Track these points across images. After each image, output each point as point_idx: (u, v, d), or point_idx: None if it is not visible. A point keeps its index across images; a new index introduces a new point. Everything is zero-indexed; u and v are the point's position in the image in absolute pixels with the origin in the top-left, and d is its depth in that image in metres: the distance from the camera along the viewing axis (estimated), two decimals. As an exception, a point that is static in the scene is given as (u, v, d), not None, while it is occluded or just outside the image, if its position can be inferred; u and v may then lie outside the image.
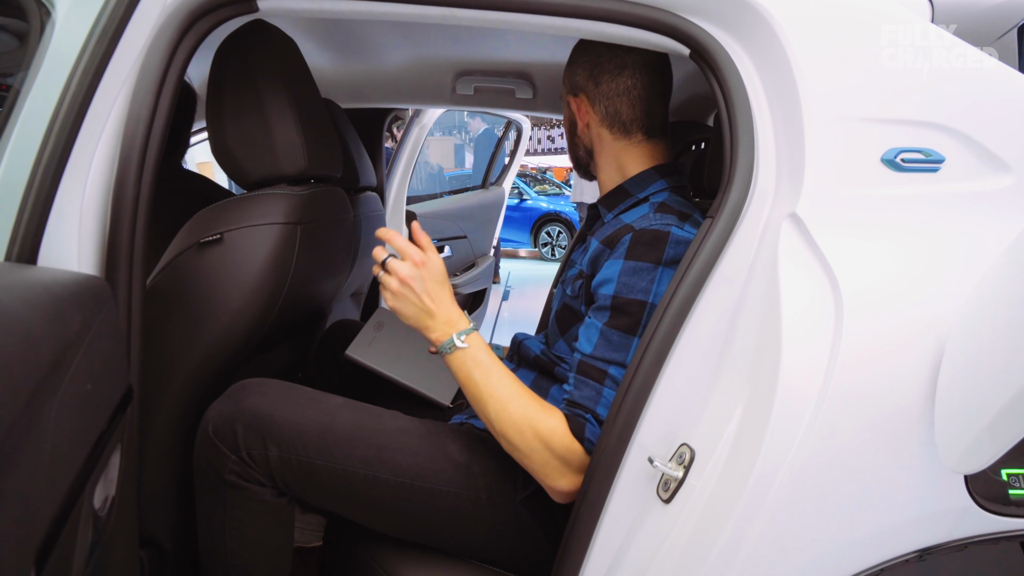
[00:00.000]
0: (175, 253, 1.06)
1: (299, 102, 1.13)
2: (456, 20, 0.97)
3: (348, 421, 1.06)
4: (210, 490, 1.04)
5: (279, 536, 1.09)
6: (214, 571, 1.08)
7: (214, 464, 1.02)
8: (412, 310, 1.03)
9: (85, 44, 0.78)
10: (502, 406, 0.98)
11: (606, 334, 1.00)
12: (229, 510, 1.04)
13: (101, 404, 0.64)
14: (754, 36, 0.88)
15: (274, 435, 1.01)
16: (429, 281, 1.03)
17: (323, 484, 1.03)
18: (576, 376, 1.02)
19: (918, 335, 0.77)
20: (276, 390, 1.07)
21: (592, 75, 1.15)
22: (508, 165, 3.67)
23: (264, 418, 1.02)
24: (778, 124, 0.87)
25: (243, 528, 1.05)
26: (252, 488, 1.03)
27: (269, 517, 1.06)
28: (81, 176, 0.79)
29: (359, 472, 1.03)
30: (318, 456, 1.02)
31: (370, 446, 1.04)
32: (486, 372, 1.01)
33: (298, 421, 1.03)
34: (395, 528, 1.09)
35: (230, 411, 1.03)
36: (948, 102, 0.84)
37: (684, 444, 0.86)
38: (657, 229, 1.01)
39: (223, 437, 1.01)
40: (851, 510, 0.77)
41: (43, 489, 0.47)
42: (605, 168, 1.20)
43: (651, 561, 0.84)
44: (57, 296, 0.57)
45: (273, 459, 1.01)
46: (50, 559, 0.47)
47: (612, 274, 1.02)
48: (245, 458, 1.01)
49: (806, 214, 0.82)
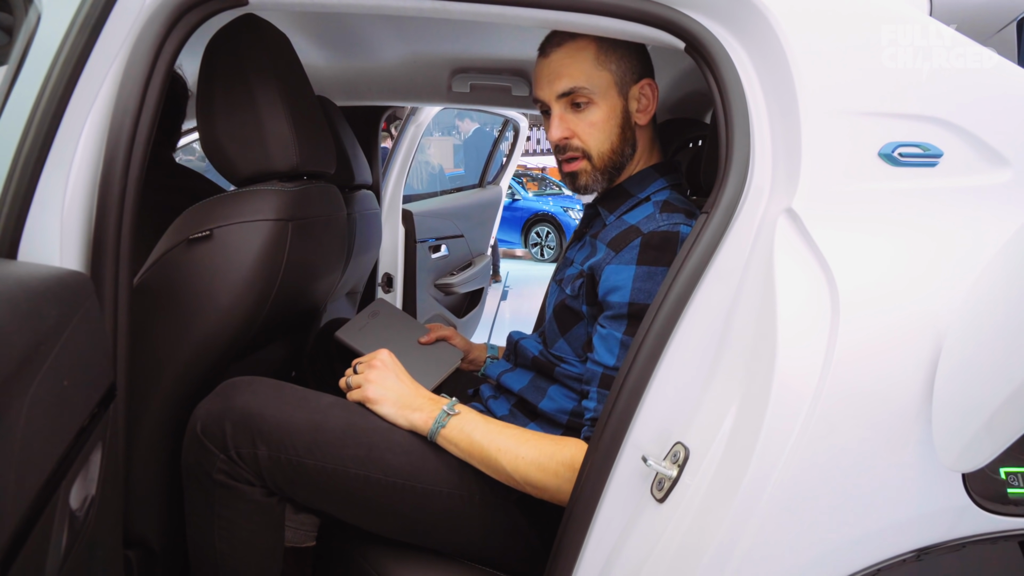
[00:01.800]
0: (164, 249, 1.05)
1: (291, 97, 1.12)
2: (449, 14, 0.96)
3: (339, 420, 1.05)
4: (199, 490, 1.03)
5: (269, 536, 1.07)
6: (203, 573, 1.06)
7: (202, 463, 1.00)
8: (397, 387, 1.08)
9: (67, 34, 0.76)
10: (514, 454, 0.99)
11: (627, 344, 0.99)
12: (218, 510, 1.02)
13: (80, 401, 0.63)
14: (750, 29, 0.87)
15: (263, 434, 0.99)
16: (398, 370, 1.12)
17: (313, 484, 1.02)
18: (599, 391, 1.01)
19: (916, 332, 0.76)
20: (265, 388, 1.05)
21: (644, 57, 1.13)
22: (505, 164, 3.65)
23: (253, 417, 1.00)
24: (774, 118, 0.86)
25: (232, 529, 1.03)
26: (241, 488, 1.01)
27: (259, 517, 1.04)
28: (63, 168, 0.78)
29: (350, 471, 1.01)
30: (308, 455, 1.00)
31: (361, 445, 1.02)
32: (485, 431, 1.02)
33: (288, 420, 1.01)
34: (387, 528, 1.07)
35: (219, 409, 1.01)
36: (947, 96, 0.83)
37: (678, 443, 0.85)
38: (666, 231, 1.01)
39: (211, 436, 1.00)
40: (848, 509, 0.76)
41: (11, 487, 0.46)
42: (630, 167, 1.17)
43: (645, 561, 0.83)
44: (32, 290, 0.56)
45: (262, 458, 1.00)
46: (17, 559, 0.45)
47: (624, 280, 1.00)
48: (234, 457, 0.99)
49: (802, 209, 0.81)
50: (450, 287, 2.96)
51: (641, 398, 0.88)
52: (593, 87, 1.08)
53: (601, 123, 1.10)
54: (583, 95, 1.09)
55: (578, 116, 1.10)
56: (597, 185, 1.15)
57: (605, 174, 1.14)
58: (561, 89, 1.09)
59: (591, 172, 1.13)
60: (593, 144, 1.11)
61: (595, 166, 1.13)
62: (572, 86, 1.08)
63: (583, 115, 1.10)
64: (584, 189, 1.15)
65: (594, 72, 1.08)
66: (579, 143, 1.11)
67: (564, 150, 1.12)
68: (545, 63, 1.12)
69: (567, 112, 1.11)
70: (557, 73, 1.09)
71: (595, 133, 1.11)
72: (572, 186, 1.16)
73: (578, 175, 1.14)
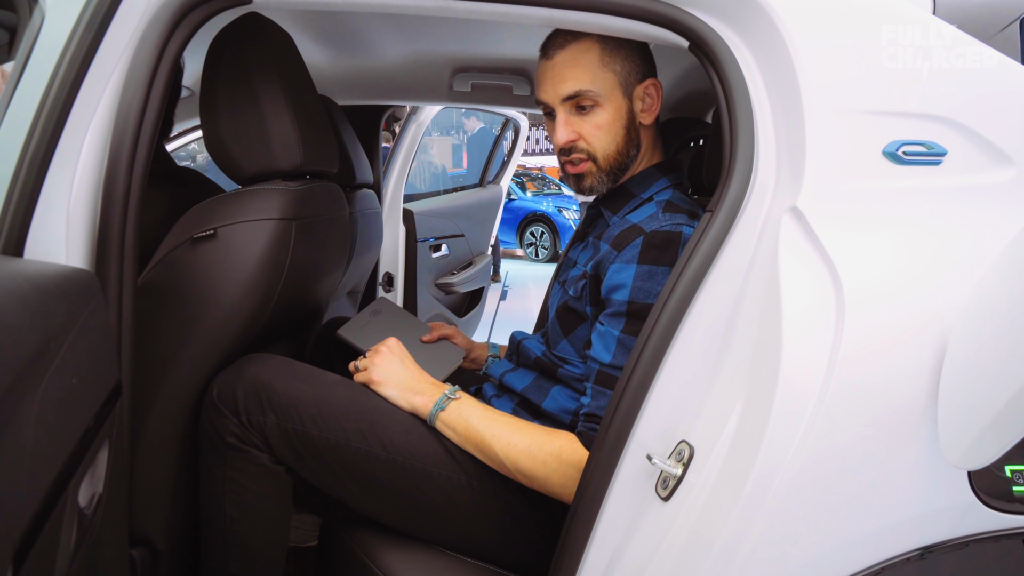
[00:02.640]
0: (168, 248, 1.05)
1: (294, 96, 1.12)
2: (452, 12, 0.96)
3: (344, 395, 1.09)
4: (213, 453, 1.07)
5: (277, 504, 1.11)
6: (213, 539, 1.10)
7: (216, 427, 1.05)
8: (401, 371, 1.13)
9: (72, 33, 0.76)
10: (506, 441, 1.02)
11: (624, 342, 0.99)
12: (229, 472, 1.06)
13: (87, 399, 0.63)
14: (754, 28, 0.87)
15: (272, 402, 1.04)
16: (405, 358, 1.16)
17: (316, 454, 1.05)
18: (594, 387, 1.01)
19: (921, 330, 0.76)
20: (277, 363, 1.11)
21: (647, 56, 1.13)
22: (506, 163, 3.65)
23: (264, 386, 1.05)
24: (778, 117, 0.86)
25: (242, 492, 1.07)
26: (251, 451, 1.06)
27: (267, 481, 1.08)
28: (69, 167, 0.78)
29: (351, 444, 1.05)
30: (312, 426, 1.04)
31: (363, 420, 1.06)
32: (482, 417, 1.05)
33: (296, 391, 1.06)
34: (386, 509, 1.09)
35: (233, 378, 1.07)
36: (950, 95, 0.83)
37: (683, 441, 0.85)
38: (668, 230, 1.00)
39: (225, 401, 1.05)
40: (853, 508, 0.76)
41: (23, 485, 0.46)
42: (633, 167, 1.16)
43: (650, 560, 0.83)
44: (41, 288, 0.56)
45: (270, 426, 1.04)
46: (29, 557, 0.45)
47: (625, 279, 1.00)
48: (245, 422, 1.04)
49: (807, 208, 0.81)
50: (450, 286, 2.96)
51: (645, 397, 0.88)
52: (598, 89, 1.07)
53: (607, 125, 1.09)
54: (588, 97, 1.07)
55: (583, 118, 1.09)
56: (603, 186, 1.14)
57: (611, 175, 1.13)
58: (566, 92, 1.08)
59: (597, 174, 1.12)
60: (599, 146, 1.10)
61: (601, 168, 1.12)
62: (577, 89, 1.07)
63: (588, 117, 1.09)
64: (589, 190, 1.14)
65: (599, 74, 1.07)
66: (585, 145, 1.11)
67: (569, 152, 1.12)
68: (549, 65, 1.10)
69: (572, 115, 1.10)
70: (561, 76, 1.08)
71: (601, 135, 1.10)
72: (577, 188, 1.15)
73: (584, 177, 1.13)
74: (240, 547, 1.09)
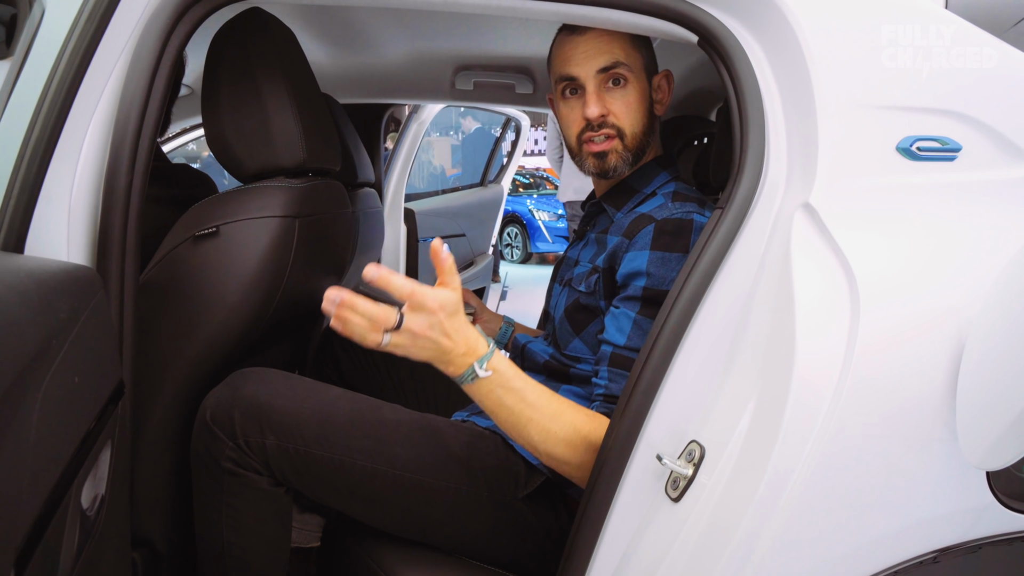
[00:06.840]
0: (170, 246, 1.04)
1: (298, 93, 1.11)
2: (456, 7, 0.94)
3: (347, 411, 1.04)
4: (208, 477, 1.02)
5: (277, 527, 1.06)
6: (211, 564, 1.06)
7: (211, 451, 1.00)
8: (427, 354, 0.88)
9: (72, 28, 0.75)
10: (544, 427, 0.92)
11: (640, 323, 0.98)
12: (226, 498, 1.02)
13: (90, 398, 0.62)
14: (765, 22, 0.86)
15: (272, 423, 0.99)
16: (446, 321, 0.85)
17: (320, 475, 1.01)
18: (610, 369, 0.99)
19: (937, 327, 0.75)
20: (275, 379, 1.04)
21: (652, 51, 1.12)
22: (507, 163, 3.64)
23: (262, 406, 0.99)
24: (789, 112, 0.85)
25: (240, 517, 1.02)
26: (249, 476, 1.00)
27: (266, 505, 1.04)
28: (71, 162, 0.77)
29: (357, 463, 1.00)
30: (316, 446, 0.99)
31: (369, 437, 1.02)
32: (518, 396, 0.92)
33: (297, 410, 1.01)
34: (393, 523, 1.06)
35: (228, 398, 1.00)
36: (964, 90, 0.82)
37: (693, 441, 0.84)
38: (680, 218, 1.00)
39: (221, 424, 0.99)
40: (868, 508, 0.75)
41: (25, 486, 0.44)
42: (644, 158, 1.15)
43: (660, 562, 0.82)
44: (43, 284, 0.55)
45: (271, 447, 0.99)
46: (32, 561, 0.44)
47: (639, 266, 1.00)
48: (242, 446, 0.99)
49: (819, 204, 0.80)
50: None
51: (655, 396, 0.87)
52: (631, 65, 1.08)
53: (635, 104, 1.09)
54: (623, 71, 1.07)
55: (613, 95, 1.09)
56: (624, 167, 1.12)
57: (634, 155, 1.12)
58: (603, 64, 1.07)
59: (623, 152, 1.11)
60: (628, 123, 1.09)
61: (627, 146, 1.11)
62: (616, 60, 1.06)
63: (620, 93, 1.09)
64: (612, 171, 1.12)
65: (632, 51, 1.08)
66: (615, 120, 1.09)
67: (599, 128, 1.09)
68: (580, 40, 1.09)
69: (604, 90, 1.09)
70: (597, 48, 1.07)
71: (630, 112, 1.09)
72: (598, 168, 1.12)
73: (608, 155, 1.11)
74: (239, 570, 1.05)
